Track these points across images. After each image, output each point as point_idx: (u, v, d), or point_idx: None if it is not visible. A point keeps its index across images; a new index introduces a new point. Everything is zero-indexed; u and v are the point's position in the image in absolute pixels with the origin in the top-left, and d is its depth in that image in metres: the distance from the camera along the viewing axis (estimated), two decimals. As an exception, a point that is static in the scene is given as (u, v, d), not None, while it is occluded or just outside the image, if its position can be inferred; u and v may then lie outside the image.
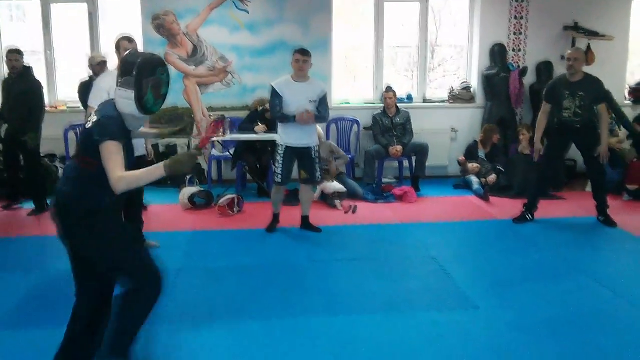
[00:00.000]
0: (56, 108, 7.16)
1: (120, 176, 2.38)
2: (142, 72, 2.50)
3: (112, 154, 2.42)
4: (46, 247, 4.73)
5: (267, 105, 5.60)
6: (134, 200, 4.48)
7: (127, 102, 2.53)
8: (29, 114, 5.71)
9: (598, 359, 2.97)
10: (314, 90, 4.96)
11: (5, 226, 5.54)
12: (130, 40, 4.40)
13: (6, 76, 6.01)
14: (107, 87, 4.05)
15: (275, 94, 4.95)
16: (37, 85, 5.88)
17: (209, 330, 3.30)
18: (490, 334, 3.24)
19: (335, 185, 6.19)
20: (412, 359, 2.97)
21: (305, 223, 5.29)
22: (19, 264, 4.46)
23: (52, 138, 6.60)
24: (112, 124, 2.49)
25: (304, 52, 4.91)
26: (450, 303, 3.68)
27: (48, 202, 5.84)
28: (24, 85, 5.77)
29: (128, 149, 2.59)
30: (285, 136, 5.03)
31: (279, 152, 5.04)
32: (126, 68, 2.53)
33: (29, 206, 5.98)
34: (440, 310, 3.54)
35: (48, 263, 4.38)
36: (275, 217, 5.29)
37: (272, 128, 6.09)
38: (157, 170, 2.42)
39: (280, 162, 5.04)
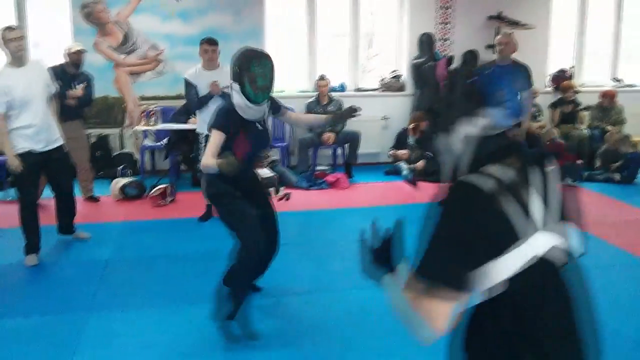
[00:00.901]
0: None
1: (204, 162, 2.94)
2: (241, 66, 2.89)
3: (212, 142, 2.94)
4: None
5: None
6: (63, 192, 4.47)
7: (236, 94, 2.95)
8: None
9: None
10: (225, 76, 5.04)
11: None
12: (11, 28, 4.14)
13: None
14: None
15: (188, 84, 5.07)
16: None
17: (139, 315, 3.38)
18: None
19: (265, 171, 6.11)
20: (338, 332, 3.14)
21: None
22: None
23: None
24: (221, 116, 3.04)
25: (210, 41, 5.14)
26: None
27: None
28: None
29: (257, 135, 3.06)
30: (203, 125, 5.08)
31: (201, 141, 5.08)
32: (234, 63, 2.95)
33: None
34: (363, 289, 3.70)
35: None
36: (209, 207, 5.34)
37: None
38: (219, 164, 2.84)
39: (203, 151, 5.08)
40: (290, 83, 7.76)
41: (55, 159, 4.25)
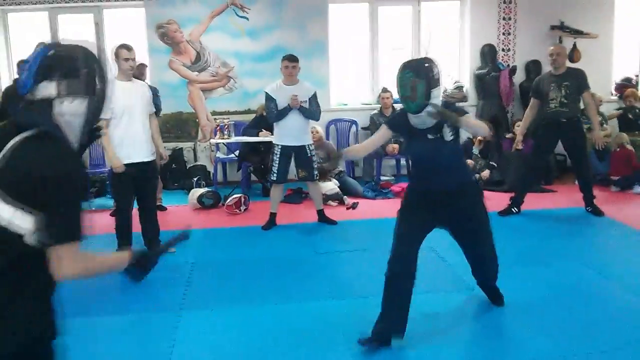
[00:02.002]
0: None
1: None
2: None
3: (375, 134, 3.40)
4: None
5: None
6: (146, 205, 4.74)
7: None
8: None
9: (585, 333, 3.24)
10: (303, 92, 5.31)
11: None
12: (128, 48, 4.51)
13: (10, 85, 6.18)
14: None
15: (269, 98, 5.34)
16: None
17: (228, 313, 3.61)
18: (483, 312, 3.55)
19: (328, 185, 6.36)
20: (411, 334, 3.25)
21: (321, 216, 5.60)
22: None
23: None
24: (396, 115, 3.36)
25: (291, 59, 5.33)
26: (446, 286, 3.99)
27: None
28: None
29: (424, 144, 3.06)
30: (280, 136, 5.38)
31: (275, 152, 5.37)
32: None
33: None
34: (436, 292, 3.84)
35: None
36: (272, 216, 5.55)
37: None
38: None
39: (276, 161, 5.36)
40: (354, 96, 7.97)
41: (146, 171, 4.54)
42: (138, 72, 5.97)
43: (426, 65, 2.95)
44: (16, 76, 6.23)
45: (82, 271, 1.59)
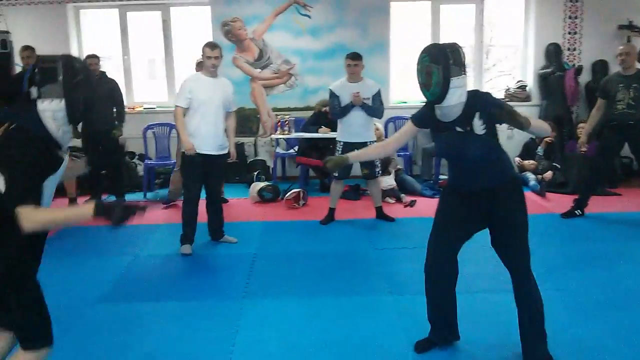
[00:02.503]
0: (133, 109, 7.72)
1: None
2: None
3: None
4: (135, 235, 5.25)
5: (328, 109, 5.98)
6: (213, 197, 4.94)
7: None
8: (115, 112, 6.27)
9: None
10: (366, 89, 5.36)
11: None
12: (211, 47, 4.72)
13: None
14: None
15: (332, 94, 5.42)
16: (118, 85, 6.43)
17: (289, 303, 3.71)
18: (545, 314, 3.50)
19: (385, 180, 6.32)
20: (473, 331, 3.26)
21: (379, 213, 5.65)
22: (113, 249, 4.99)
23: (130, 137, 7.12)
24: (420, 110, 2.93)
25: (354, 57, 5.38)
26: (506, 286, 3.90)
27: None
28: (107, 86, 6.31)
29: (451, 138, 2.78)
30: (343, 133, 5.45)
31: (338, 148, 5.45)
32: None
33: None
34: (496, 292, 3.82)
35: (138, 248, 4.89)
36: (331, 211, 5.64)
37: (333, 129, 6.46)
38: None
39: None
40: (414, 94, 7.95)
41: (215, 164, 4.74)
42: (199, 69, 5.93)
43: (447, 50, 2.65)
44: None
45: (41, 225, 2.07)
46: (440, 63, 2.61)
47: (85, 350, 3.18)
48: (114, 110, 6.33)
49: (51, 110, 2.12)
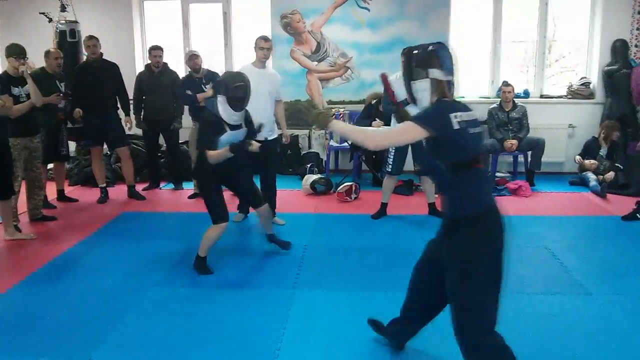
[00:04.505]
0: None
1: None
2: None
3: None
4: (189, 223, 5.39)
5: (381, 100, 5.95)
6: (267, 179, 5.23)
7: None
8: (175, 103, 6.43)
9: None
10: None
11: (160, 204, 6.33)
12: (265, 39, 5.07)
13: (145, 70, 6.65)
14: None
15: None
16: (179, 78, 6.57)
17: (339, 295, 3.74)
18: (603, 318, 3.40)
19: None
20: (527, 333, 3.19)
21: (432, 209, 5.60)
22: (169, 235, 5.14)
23: (187, 127, 7.27)
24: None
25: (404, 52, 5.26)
26: (562, 288, 3.86)
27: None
28: (169, 77, 6.48)
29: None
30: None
31: None
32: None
33: (168, 188, 6.75)
34: (552, 294, 3.74)
35: (193, 235, 5.02)
36: (383, 206, 5.61)
37: (387, 123, 6.42)
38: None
39: (392, 152, 5.38)
40: (472, 89, 7.82)
41: (267, 148, 4.85)
42: (192, 63, 6.10)
43: (413, 52, 2.53)
44: (148, 61, 6.69)
45: (214, 159, 3.87)
46: (403, 65, 2.57)
47: (144, 330, 3.32)
48: (174, 103, 6.48)
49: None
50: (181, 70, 7.16)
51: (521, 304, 3.58)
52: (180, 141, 6.84)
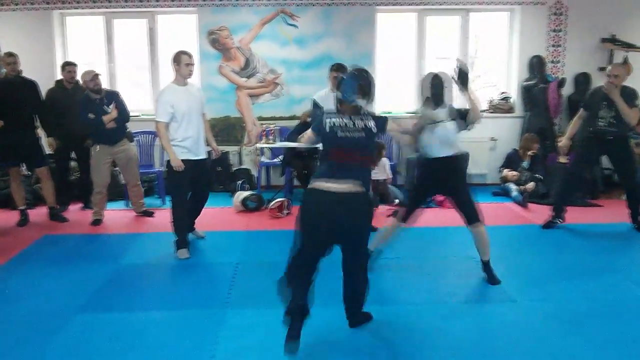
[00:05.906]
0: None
1: None
2: None
3: None
4: (116, 244, 5.22)
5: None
6: (199, 195, 5.11)
7: None
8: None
9: (632, 347, 3.22)
10: None
11: (83, 225, 6.07)
12: (189, 55, 4.80)
13: (56, 87, 6.42)
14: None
15: (316, 105, 5.48)
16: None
17: (271, 313, 3.68)
18: (528, 323, 3.53)
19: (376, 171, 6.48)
20: (455, 343, 3.27)
21: None
22: (95, 257, 4.95)
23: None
24: None
25: (338, 68, 5.39)
26: (488, 297, 3.98)
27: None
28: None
29: None
30: None
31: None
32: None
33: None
34: (479, 302, 3.85)
35: (119, 257, 4.86)
36: None
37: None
38: None
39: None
40: (398, 104, 8.00)
41: (202, 166, 4.89)
42: (93, 84, 5.75)
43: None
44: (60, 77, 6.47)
45: None
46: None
47: (68, 358, 3.16)
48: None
49: None
50: (105, 86, 6.94)
51: (446, 313, 3.67)
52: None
